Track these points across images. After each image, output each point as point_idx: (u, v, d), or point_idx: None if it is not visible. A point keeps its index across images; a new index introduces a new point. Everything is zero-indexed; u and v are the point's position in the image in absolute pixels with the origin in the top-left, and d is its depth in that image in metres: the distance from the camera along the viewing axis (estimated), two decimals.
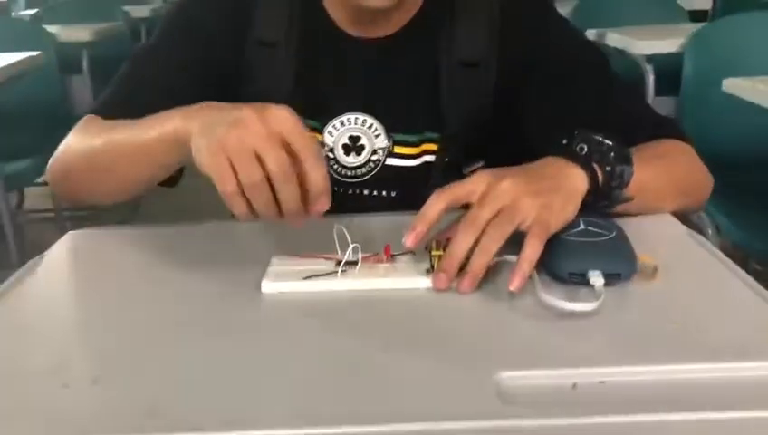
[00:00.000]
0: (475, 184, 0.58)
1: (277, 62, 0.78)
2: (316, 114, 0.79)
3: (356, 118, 0.79)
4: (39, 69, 2.04)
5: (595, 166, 0.61)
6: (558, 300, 0.52)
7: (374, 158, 0.80)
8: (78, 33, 2.47)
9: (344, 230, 0.58)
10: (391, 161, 0.80)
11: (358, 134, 0.80)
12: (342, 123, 0.79)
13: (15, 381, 0.47)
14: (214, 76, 0.78)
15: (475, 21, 0.77)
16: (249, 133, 0.51)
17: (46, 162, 0.76)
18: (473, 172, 0.61)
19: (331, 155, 0.80)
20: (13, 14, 3.40)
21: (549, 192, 0.57)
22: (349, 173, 0.81)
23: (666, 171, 0.70)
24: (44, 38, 2.32)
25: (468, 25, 0.78)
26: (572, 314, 0.51)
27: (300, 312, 0.54)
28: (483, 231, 0.55)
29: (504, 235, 0.55)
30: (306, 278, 0.57)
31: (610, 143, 0.62)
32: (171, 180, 0.72)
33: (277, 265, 0.59)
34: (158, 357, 0.49)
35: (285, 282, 0.57)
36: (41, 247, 0.69)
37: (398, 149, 0.80)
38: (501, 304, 0.54)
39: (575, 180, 0.60)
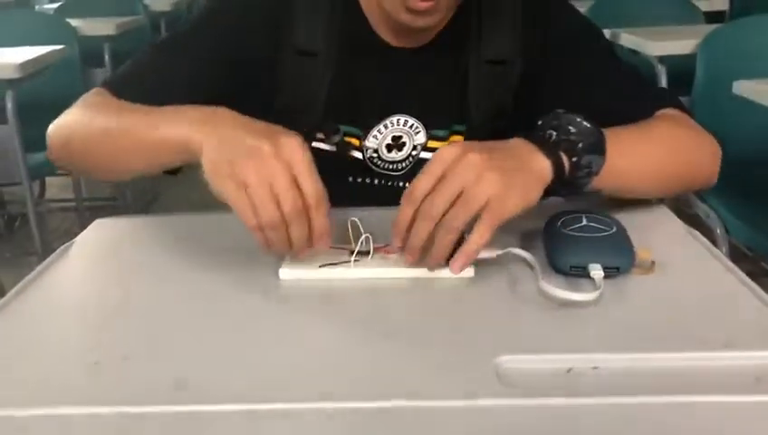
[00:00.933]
0: (437, 165, 0.57)
1: (315, 71, 0.79)
2: (356, 120, 0.82)
3: (398, 119, 0.82)
4: (62, 62, 2.07)
5: (562, 154, 0.61)
6: (558, 289, 0.55)
7: (414, 153, 0.84)
8: (100, 27, 2.51)
9: (357, 222, 0.62)
10: (425, 155, 0.84)
11: (400, 134, 0.83)
12: (386, 126, 0.82)
13: (51, 358, 0.50)
14: (241, 83, 0.79)
15: (501, 22, 0.81)
16: (266, 168, 0.54)
17: None
18: None
19: (374, 154, 0.84)
20: (36, 7, 3.45)
21: (512, 172, 0.57)
22: (390, 167, 0.84)
23: (657, 151, 0.70)
24: (67, 31, 2.36)
25: (495, 27, 0.81)
26: (572, 304, 0.54)
27: (315, 297, 0.58)
28: (441, 221, 0.56)
29: (458, 228, 0.56)
30: (321, 266, 0.60)
31: (585, 126, 0.62)
32: (174, 169, 0.72)
33: (293, 255, 0.61)
34: (183, 336, 0.53)
35: (302, 269, 0.61)
36: (62, 235, 0.72)
37: (430, 144, 0.84)
38: (504, 293, 0.57)
39: (540, 165, 0.59)
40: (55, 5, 3.11)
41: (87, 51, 2.41)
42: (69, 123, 0.73)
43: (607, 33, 2.07)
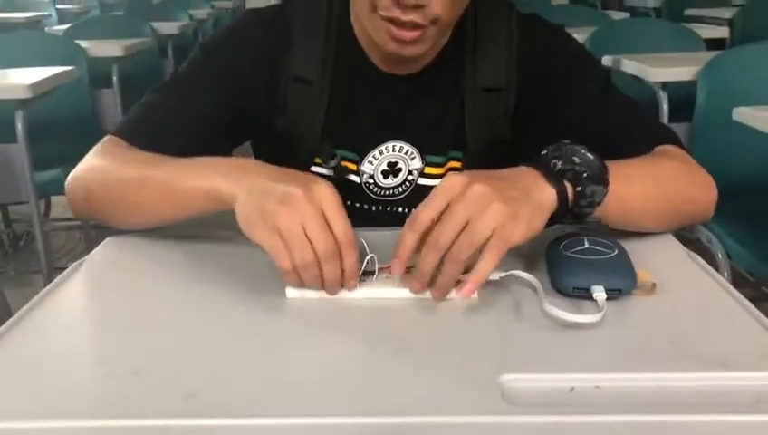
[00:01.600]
0: (442, 196, 0.58)
1: (311, 97, 0.81)
2: (353, 145, 0.83)
3: (393, 145, 0.84)
4: (71, 82, 2.10)
5: (566, 184, 0.62)
6: (561, 311, 0.56)
7: (410, 178, 0.85)
8: (109, 49, 2.54)
9: (363, 242, 0.62)
10: (423, 181, 0.85)
11: (396, 160, 0.84)
12: (381, 152, 0.84)
13: (64, 371, 0.51)
14: (243, 113, 0.81)
15: (497, 49, 0.82)
16: (299, 213, 0.56)
17: None
18: None
19: (371, 180, 0.85)
20: (46, 29, 3.50)
21: (517, 202, 0.57)
22: (387, 193, 0.86)
23: (656, 185, 0.70)
24: (77, 53, 2.40)
25: (490, 54, 0.82)
26: (575, 325, 0.55)
27: (321, 315, 0.59)
28: (447, 252, 0.56)
29: (464, 259, 0.56)
30: None
31: (589, 157, 0.63)
32: None
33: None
34: (192, 351, 0.54)
35: (306, 288, 0.61)
36: (66, 254, 0.73)
37: (428, 170, 0.85)
38: (508, 314, 0.58)
39: (544, 194, 0.60)
40: (64, 27, 3.16)
41: (95, 72, 2.44)
42: (89, 175, 0.75)
43: (608, 59, 2.09)
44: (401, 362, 0.51)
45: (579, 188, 0.62)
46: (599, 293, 0.58)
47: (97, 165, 0.75)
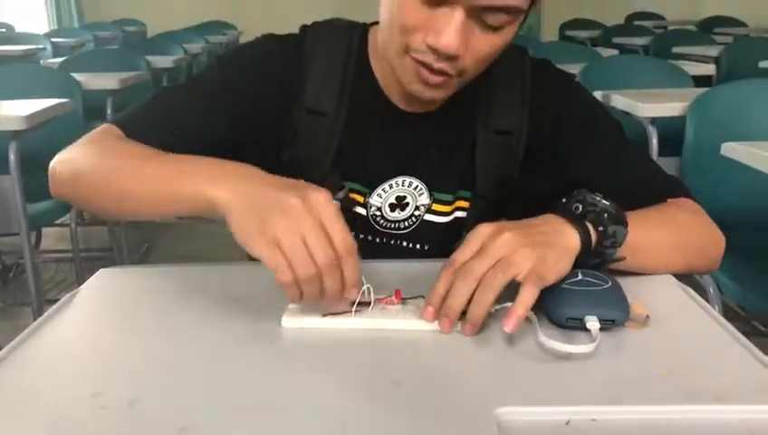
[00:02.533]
0: (475, 241, 0.62)
1: (324, 129, 0.82)
2: (362, 178, 0.84)
3: (403, 180, 0.84)
4: (65, 115, 2.11)
5: (589, 225, 0.65)
6: (556, 342, 0.56)
7: (416, 213, 0.85)
8: (104, 82, 2.55)
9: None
10: (429, 217, 0.86)
11: (404, 194, 0.85)
12: (390, 186, 0.84)
13: (57, 404, 0.51)
14: (251, 138, 0.81)
15: (510, 92, 0.83)
16: (297, 223, 0.56)
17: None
18: None
19: (378, 213, 0.85)
20: (41, 62, 3.53)
21: (544, 247, 0.62)
22: (393, 226, 0.86)
23: (670, 233, 0.73)
24: (72, 85, 2.41)
25: (503, 97, 0.83)
26: (569, 356, 0.56)
27: (317, 347, 0.59)
28: (480, 282, 0.59)
29: (498, 287, 0.59)
30: (324, 316, 0.62)
31: (606, 204, 0.67)
32: None
33: (296, 303, 0.64)
34: (187, 384, 0.53)
35: (304, 318, 0.62)
36: (56, 286, 0.72)
37: (435, 207, 0.85)
38: (503, 345, 0.59)
39: (569, 238, 0.64)
40: (60, 60, 3.18)
41: (90, 104, 2.45)
42: (77, 159, 0.73)
43: (598, 94, 2.12)
44: (397, 394, 0.51)
45: (601, 229, 0.66)
46: (592, 323, 0.59)
47: (91, 150, 0.74)
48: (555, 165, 0.83)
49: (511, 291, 0.59)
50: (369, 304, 0.63)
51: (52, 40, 4.66)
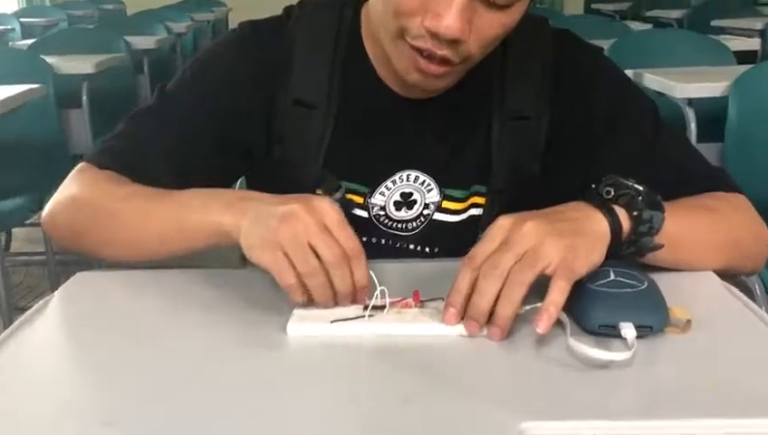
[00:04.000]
0: (497, 233, 0.62)
1: (314, 123, 0.81)
2: (360, 176, 0.83)
3: (408, 175, 0.83)
4: (36, 102, 2.11)
5: (622, 211, 0.65)
6: (589, 349, 0.56)
7: (425, 212, 0.84)
8: (78, 65, 2.54)
9: (372, 274, 0.63)
10: (439, 217, 0.84)
11: (410, 190, 0.84)
12: (394, 182, 0.83)
13: (29, 424, 0.51)
14: (236, 142, 0.83)
15: (528, 72, 0.82)
16: (301, 226, 0.60)
17: (40, 201, 0.79)
18: None
19: (381, 212, 0.84)
20: (10, 44, 3.54)
21: (573, 235, 0.61)
22: (399, 226, 0.85)
23: (710, 225, 0.73)
24: (42, 69, 2.41)
25: (521, 77, 0.82)
26: (602, 365, 0.55)
27: (325, 356, 0.59)
28: (506, 277, 0.59)
29: (527, 282, 0.59)
30: (333, 322, 0.62)
31: (640, 188, 0.66)
32: None
33: (303, 308, 0.64)
34: (173, 401, 0.53)
35: (311, 325, 0.62)
36: (32, 292, 0.73)
37: (445, 204, 0.84)
38: (530, 352, 0.58)
39: (598, 225, 0.64)
40: (29, 42, 3.18)
41: (63, 90, 2.45)
42: (74, 212, 0.77)
43: (629, 73, 2.11)
44: (412, 408, 0.51)
45: (635, 213, 0.65)
46: (628, 330, 0.58)
47: (82, 200, 0.76)
48: (582, 155, 0.82)
49: (537, 287, 0.59)
50: (384, 307, 0.63)
51: (22, 20, 4.67)
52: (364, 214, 0.84)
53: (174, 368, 0.58)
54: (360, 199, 0.84)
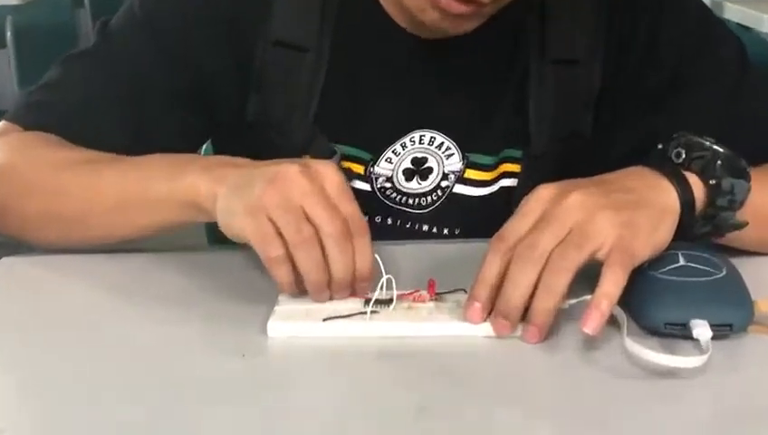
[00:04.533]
0: (534, 206, 0.62)
1: (301, 70, 0.80)
2: (361, 139, 0.83)
3: (421, 136, 0.83)
4: None
5: (695, 178, 0.65)
6: (652, 353, 0.55)
7: (443, 184, 0.85)
8: None
9: (377, 258, 0.62)
10: (460, 189, 0.85)
11: (424, 155, 0.84)
12: (404, 146, 0.83)
13: None
14: (200, 95, 0.82)
15: (575, 4, 0.81)
16: (293, 188, 0.59)
17: None
18: None
19: (387, 184, 0.84)
20: None
21: (632, 209, 0.61)
22: (410, 202, 0.85)
23: None
24: None
25: (566, 11, 0.81)
26: (668, 374, 0.55)
27: (316, 363, 0.59)
28: (546, 262, 0.59)
29: (572, 269, 0.58)
30: (325, 320, 0.61)
31: (719, 149, 0.66)
32: None
33: (288, 302, 0.64)
34: (117, 419, 0.52)
35: (298, 323, 0.62)
36: None
37: (469, 174, 0.85)
38: (576, 357, 0.59)
39: (665, 196, 0.64)
40: None
41: None
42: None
43: (706, 2, 2.09)
44: (427, 425, 0.51)
45: (713, 182, 0.65)
46: (701, 329, 0.58)
47: (7, 169, 0.76)
48: (645, 109, 0.82)
49: (585, 276, 0.59)
50: (390, 301, 0.63)
51: None
52: (366, 187, 0.84)
53: (112, 381, 0.57)
54: (360, 169, 0.84)
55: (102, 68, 0.81)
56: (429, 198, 0.85)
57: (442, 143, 0.83)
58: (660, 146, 0.69)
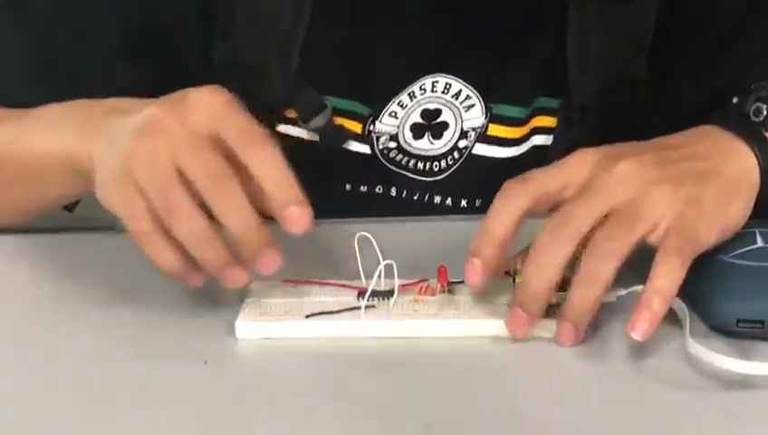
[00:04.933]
0: (574, 168, 0.61)
1: (283, 4, 0.81)
2: (360, 88, 0.84)
3: (434, 83, 0.84)
4: None
5: None
6: (721, 357, 0.54)
7: (461, 144, 0.84)
8: None
9: (372, 240, 0.61)
10: (482, 150, 0.84)
11: (438, 107, 0.84)
12: (412, 96, 0.84)
13: None
14: (153, 37, 0.83)
15: None
16: (162, 140, 0.58)
17: None
18: None
19: (392, 144, 0.84)
20: None
21: (696, 180, 0.61)
22: (419, 166, 0.85)
23: None
24: None
25: None
26: (742, 384, 0.54)
27: (295, 371, 0.59)
28: (586, 244, 0.58)
29: (619, 253, 0.57)
30: (309, 317, 0.61)
31: None
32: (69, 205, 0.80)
33: (260, 295, 0.63)
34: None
35: (273, 322, 0.61)
36: None
37: (494, 130, 0.84)
38: (623, 364, 0.58)
39: (741, 163, 0.63)
40: None
41: None
42: None
43: None
44: None
45: None
46: None
47: None
48: (713, 52, 0.83)
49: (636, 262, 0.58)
50: (391, 293, 0.62)
51: None
52: (364, 149, 0.85)
53: (63, 389, 0.58)
54: (357, 126, 0.84)
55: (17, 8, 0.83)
56: (444, 161, 0.85)
57: (460, 91, 0.84)
58: (735, 100, 0.69)
